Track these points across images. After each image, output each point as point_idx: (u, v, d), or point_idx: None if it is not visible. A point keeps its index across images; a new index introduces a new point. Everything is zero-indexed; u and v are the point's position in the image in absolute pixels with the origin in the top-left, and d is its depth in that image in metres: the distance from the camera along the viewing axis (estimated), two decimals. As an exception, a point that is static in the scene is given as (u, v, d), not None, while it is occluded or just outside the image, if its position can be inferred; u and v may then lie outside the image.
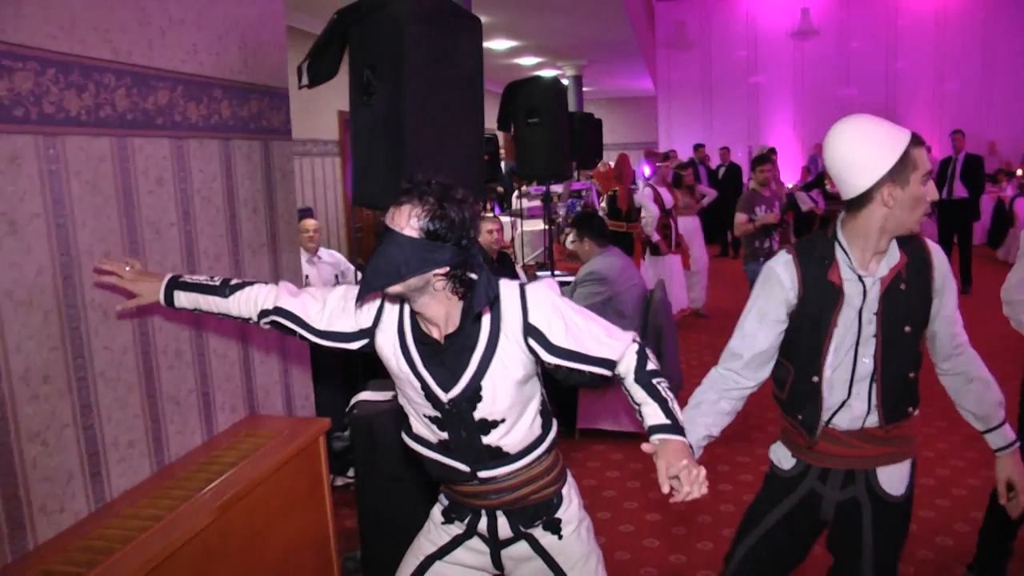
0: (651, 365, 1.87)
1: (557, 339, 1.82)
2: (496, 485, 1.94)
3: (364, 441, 3.41)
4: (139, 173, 2.47)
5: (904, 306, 2.04)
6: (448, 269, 1.73)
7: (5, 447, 2.03)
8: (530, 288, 1.85)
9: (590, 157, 8.97)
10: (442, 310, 1.79)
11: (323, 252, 5.98)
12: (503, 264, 6.35)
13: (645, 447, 1.79)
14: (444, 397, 1.83)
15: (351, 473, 4.15)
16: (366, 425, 3.39)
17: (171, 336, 2.62)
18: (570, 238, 7.16)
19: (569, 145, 6.54)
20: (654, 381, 1.85)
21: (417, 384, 1.85)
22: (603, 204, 9.31)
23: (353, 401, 3.55)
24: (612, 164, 9.15)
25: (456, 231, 1.72)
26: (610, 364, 1.85)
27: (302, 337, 2.01)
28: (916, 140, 1.97)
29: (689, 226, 8.74)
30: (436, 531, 2.12)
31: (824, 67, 16.33)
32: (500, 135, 10.33)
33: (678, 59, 17.15)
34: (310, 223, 5.66)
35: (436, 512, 2.14)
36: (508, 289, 1.84)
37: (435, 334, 1.84)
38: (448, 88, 3.18)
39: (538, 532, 2.00)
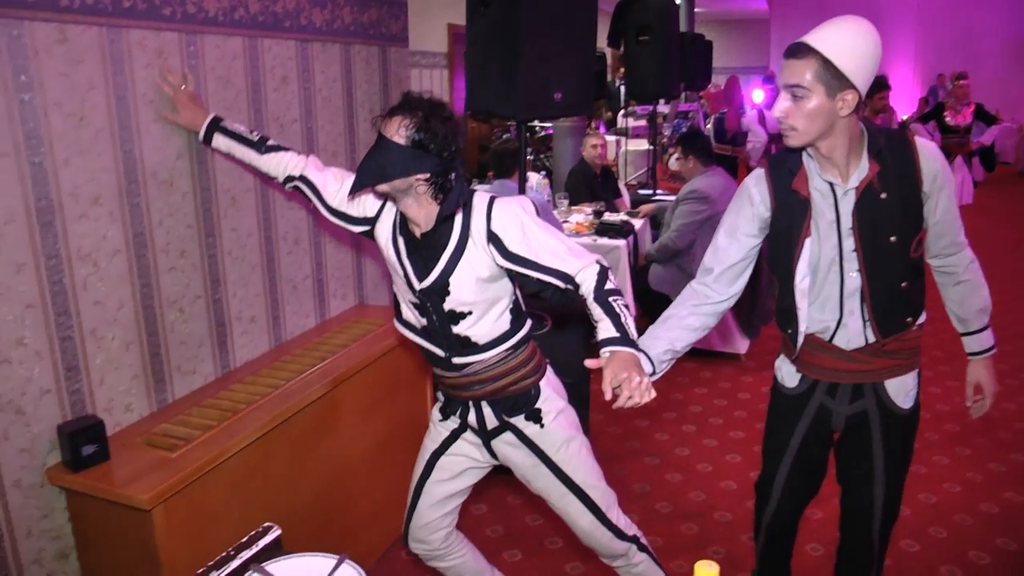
0: (609, 285, 1.96)
1: (512, 246, 1.98)
2: (475, 376, 2.14)
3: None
4: (267, 71, 2.67)
5: (886, 214, 1.96)
6: (429, 176, 1.94)
7: (150, 311, 2.30)
8: (499, 200, 2.04)
9: (699, 79, 8.82)
10: (421, 211, 2.01)
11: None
12: (606, 179, 6.42)
13: (589, 363, 1.88)
14: (417, 286, 2.06)
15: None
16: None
17: (290, 224, 2.85)
18: (675, 156, 7.15)
19: (678, 66, 6.48)
20: (610, 299, 1.93)
21: (400, 271, 2.09)
22: (709, 126, 9.18)
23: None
24: (722, 86, 8.97)
25: (439, 143, 1.93)
26: (565, 277, 1.98)
27: (315, 207, 2.26)
28: None
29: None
30: (436, 429, 2.33)
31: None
32: (608, 52, 10.22)
33: (797, -20, 16.42)
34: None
35: (435, 411, 2.34)
36: (480, 199, 2.04)
37: (415, 231, 2.06)
38: (562, 2, 3.26)
39: (520, 422, 2.19)
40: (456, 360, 2.13)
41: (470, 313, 2.06)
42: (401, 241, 2.09)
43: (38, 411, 2.02)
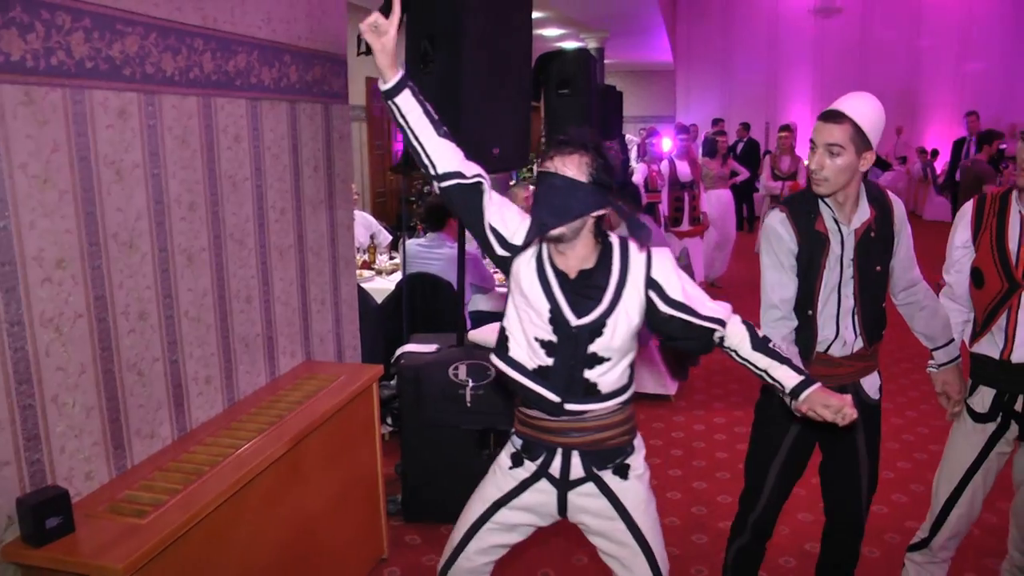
0: (761, 333, 2.14)
1: (673, 293, 2.05)
2: (581, 423, 2.11)
3: (410, 389, 3.63)
4: (220, 130, 2.67)
5: (877, 249, 2.43)
6: (605, 210, 1.99)
7: (109, 375, 2.25)
8: (655, 249, 2.10)
9: (612, 129, 9.09)
10: (582, 250, 2.03)
11: (356, 214, 6.17)
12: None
13: (799, 407, 2.02)
14: (575, 322, 2.03)
15: (390, 422, 4.38)
16: (413, 374, 3.61)
17: (243, 282, 2.83)
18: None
19: (597, 116, 6.69)
20: (771, 346, 2.11)
21: (546, 307, 2.04)
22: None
23: (398, 352, 3.77)
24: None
25: (613, 177, 2.00)
26: (719, 323, 2.08)
27: (468, 216, 2.11)
28: None
29: (722, 199, 8.76)
30: (503, 477, 2.24)
31: (845, 45, 16.36)
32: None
33: (698, 32, 17.20)
34: (351, 186, 5.84)
35: (504, 457, 2.27)
36: (636, 247, 2.09)
37: (571, 270, 2.05)
38: (501, 60, 3.37)
39: (607, 475, 2.17)
40: (570, 407, 2.09)
41: (608, 359, 2.07)
42: (552, 275, 2.05)
43: (-1, 484, 1.95)
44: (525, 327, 2.10)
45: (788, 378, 2.05)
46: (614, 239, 2.10)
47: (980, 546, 3.47)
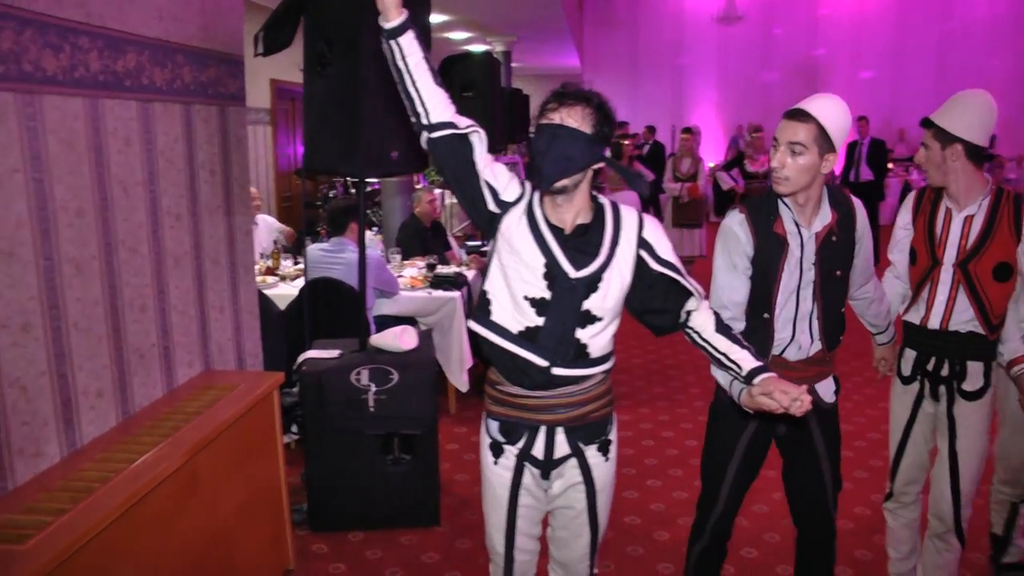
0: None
1: (663, 253, 2.10)
2: (567, 398, 2.11)
3: (313, 396, 3.57)
4: (109, 133, 2.57)
5: (838, 253, 2.42)
6: (603, 163, 2.02)
7: (-11, 390, 2.13)
8: (646, 215, 2.16)
9: (519, 133, 9.14)
10: (581, 203, 2.05)
11: (259, 218, 6.05)
12: (437, 233, 6.52)
13: (753, 391, 2.03)
14: (573, 274, 2.02)
15: (294, 430, 4.29)
16: (315, 381, 3.55)
17: (136, 291, 2.73)
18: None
19: (502, 120, 6.71)
20: (733, 332, 2.16)
21: (541, 261, 2.02)
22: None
23: (301, 359, 3.70)
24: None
25: (613, 131, 2.03)
26: (699, 292, 2.14)
27: (459, 169, 2.04)
28: None
29: (628, 200, 8.88)
30: (496, 474, 2.22)
31: (747, 51, 16.90)
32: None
33: (605, 38, 17.46)
34: (252, 190, 5.72)
35: (485, 455, 2.24)
36: (627, 208, 2.14)
37: (565, 225, 2.06)
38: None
39: (591, 452, 2.19)
40: (558, 371, 2.06)
41: (600, 319, 2.07)
42: (546, 230, 2.04)
43: None
44: (513, 286, 2.06)
45: (746, 361, 2.08)
46: (604, 200, 2.13)
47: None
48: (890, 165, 14.13)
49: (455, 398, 5.32)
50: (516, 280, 2.06)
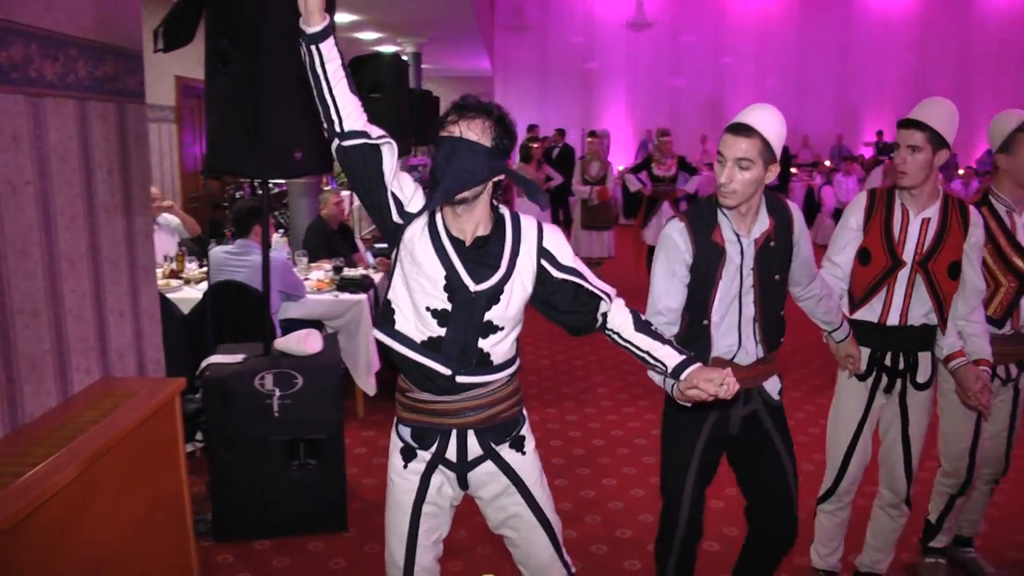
0: (643, 316, 2.23)
1: (564, 259, 2.13)
2: (475, 400, 2.12)
3: (216, 402, 3.47)
4: (-5, 129, 2.44)
5: (776, 259, 2.49)
6: (503, 177, 2.04)
7: None
8: (545, 224, 2.18)
9: (429, 134, 9.09)
10: (481, 215, 2.06)
11: (162, 218, 5.84)
12: (344, 235, 6.44)
13: (681, 387, 2.09)
14: (474, 287, 2.03)
15: (199, 437, 4.17)
16: (218, 386, 3.46)
17: (27, 295, 2.60)
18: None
19: (410, 122, 6.66)
20: (652, 328, 2.20)
21: (442, 273, 2.03)
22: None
23: (204, 364, 3.59)
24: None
25: (513, 143, 2.03)
26: (607, 295, 2.17)
27: (368, 178, 2.03)
28: None
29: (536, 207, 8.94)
30: (404, 479, 2.21)
31: (656, 58, 17.29)
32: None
33: (516, 42, 17.58)
34: (153, 190, 5.53)
35: (395, 459, 2.24)
36: (527, 218, 2.16)
37: (466, 236, 2.06)
38: (301, 60, 3.26)
39: (504, 450, 2.20)
40: (462, 379, 2.07)
41: (502, 329, 2.07)
42: (447, 242, 2.04)
43: None
44: (415, 297, 2.07)
45: (669, 357, 2.13)
46: (504, 211, 2.14)
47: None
48: (793, 170, 14.69)
49: (363, 402, 5.26)
50: (418, 291, 2.07)
